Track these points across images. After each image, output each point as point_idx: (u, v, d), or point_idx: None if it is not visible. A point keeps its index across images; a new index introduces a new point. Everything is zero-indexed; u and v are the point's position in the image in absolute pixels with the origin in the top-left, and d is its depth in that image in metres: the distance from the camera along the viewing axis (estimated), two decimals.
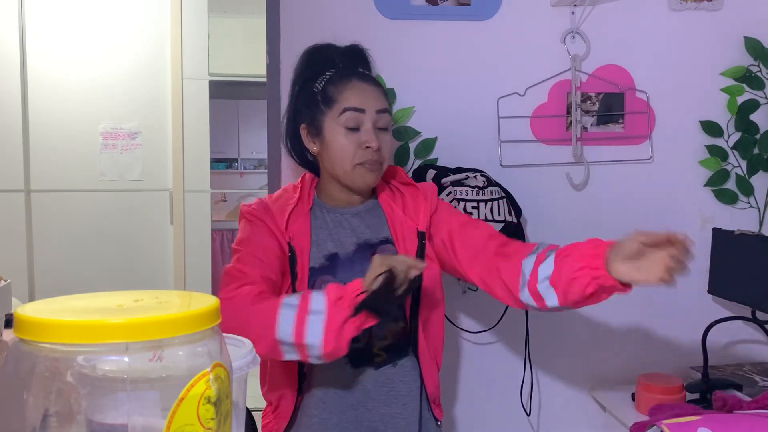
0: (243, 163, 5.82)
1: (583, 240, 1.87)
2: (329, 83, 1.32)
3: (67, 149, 3.25)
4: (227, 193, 5.71)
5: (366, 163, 1.29)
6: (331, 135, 1.30)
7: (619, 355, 1.88)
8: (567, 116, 1.81)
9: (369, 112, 1.29)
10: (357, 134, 1.29)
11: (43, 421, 0.51)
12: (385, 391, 1.32)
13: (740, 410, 1.11)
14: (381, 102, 1.32)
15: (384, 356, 1.32)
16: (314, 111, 1.32)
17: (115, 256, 3.33)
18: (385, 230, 1.37)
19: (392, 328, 1.32)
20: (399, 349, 1.34)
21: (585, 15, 1.80)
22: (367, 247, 1.33)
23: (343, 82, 1.31)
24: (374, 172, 1.31)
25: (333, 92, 1.30)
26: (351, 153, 1.29)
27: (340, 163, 1.30)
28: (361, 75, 1.34)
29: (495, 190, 1.67)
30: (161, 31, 3.31)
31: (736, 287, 1.77)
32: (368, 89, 1.31)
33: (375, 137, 1.29)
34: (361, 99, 1.29)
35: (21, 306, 0.53)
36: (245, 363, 0.68)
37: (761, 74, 1.85)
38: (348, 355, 1.25)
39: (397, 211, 1.38)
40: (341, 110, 1.28)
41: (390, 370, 1.33)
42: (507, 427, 1.87)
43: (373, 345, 1.31)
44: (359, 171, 1.30)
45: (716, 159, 1.86)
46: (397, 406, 1.33)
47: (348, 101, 1.29)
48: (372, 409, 1.31)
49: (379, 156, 1.30)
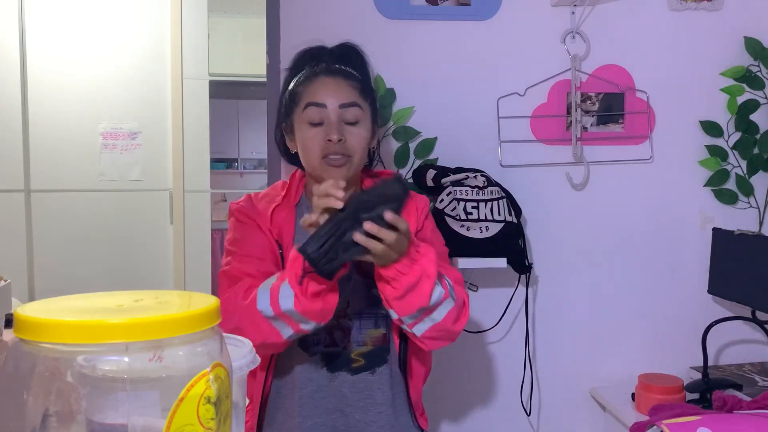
0: (243, 163, 5.81)
1: (582, 240, 1.87)
2: (299, 83, 1.31)
3: (67, 149, 3.25)
4: (227, 193, 5.70)
5: (330, 155, 1.25)
6: (299, 132, 1.29)
7: (619, 355, 1.88)
8: (567, 116, 1.81)
9: (331, 107, 1.26)
10: (321, 128, 1.26)
11: (43, 421, 0.51)
12: (362, 397, 1.31)
13: (740, 410, 1.11)
14: (348, 95, 1.27)
15: (362, 362, 1.31)
16: (288, 111, 1.32)
17: (115, 256, 3.33)
18: None
19: (372, 334, 1.31)
20: (378, 356, 1.32)
21: (585, 15, 1.80)
22: None
23: (310, 79, 1.29)
24: (340, 167, 1.26)
25: (300, 90, 1.29)
26: (316, 147, 1.26)
27: (308, 158, 1.28)
28: (329, 70, 1.30)
29: (495, 190, 1.67)
30: (161, 31, 3.31)
31: (736, 287, 1.77)
32: (333, 84, 1.28)
33: (336, 130, 1.24)
34: (323, 93, 1.26)
35: (21, 306, 0.53)
36: (245, 363, 0.68)
37: (761, 74, 1.85)
38: (323, 359, 1.28)
39: None
40: (304, 106, 1.27)
41: (368, 377, 1.31)
42: (507, 427, 1.87)
43: (351, 350, 1.30)
44: (325, 165, 1.26)
45: (716, 159, 1.86)
46: (373, 413, 1.31)
47: (310, 96, 1.27)
48: (348, 414, 1.30)
49: (343, 149, 1.25)
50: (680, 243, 1.88)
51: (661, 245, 1.88)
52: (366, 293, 1.29)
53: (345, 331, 1.29)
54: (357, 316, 1.30)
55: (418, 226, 1.34)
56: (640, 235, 1.87)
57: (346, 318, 1.29)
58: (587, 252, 1.86)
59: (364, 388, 1.31)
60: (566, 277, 1.85)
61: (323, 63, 1.33)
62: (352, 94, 1.28)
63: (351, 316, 1.29)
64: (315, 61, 1.34)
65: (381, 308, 1.27)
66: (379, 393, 1.32)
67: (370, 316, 1.31)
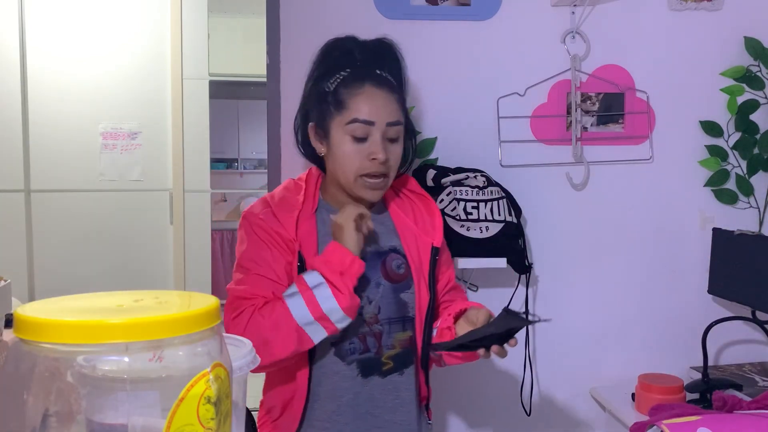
0: (243, 163, 5.82)
1: (582, 240, 1.87)
2: (341, 85, 1.25)
3: (67, 149, 3.25)
4: (227, 193, 5.71)
5: (370, 175, 1.25)
6: (337, 141, 1.25)
7: (619, 355, 1.88)
8: (567, 116, 1.81)
9: (379, 124, 1.23)
10: (364, 145, 1.24)
11: (43, 421, 0.51)
12: (392, 398, 1.32)
13: (740, 410, 1.11)
14: (394, 113, 1.25)
15: (391, 364, 1.32)
16: (324, 112, 1.27)
17: (115, 256, 3.33)
18: (393, 239, 1.34)
19: (400, 337, 1.32)
20: (405, 357, 1.33)
21: (585, 15, 1.80)
22: (376, 255, 1.31)
23: (356, 86, 1.24)
24: (377, 189, 1.27)
25: (344, 96, 1.24)
26: (356, 163, 1.24)
27: (343, 171, 1.26)
28: (376, 79, 1.26)
29: (495, 190, 1.67)
30: (161, 31, 3.31)
31: (736, 287, 1.77)
32: (382, 98, 1.24)
33: (382, 149, 1.23)
34: (373, 110, 1.23)
35: (21, 306, 0.53)
36: (245, 363, 0.68)
37: (761, 74, 1.85)
38: (358, 366, 1.28)
39: (407, 223, 1.36)
40: (350, 120, 1.23)
41: (396, 378, 1.32)
42: (507, 427, 1.87)
43: (382, 354, 1.31)
44: (361, 183, 1.26)
45: (716, 159, 1.86)
46: (402, 413, 1.33)
47: (358, 112, 1.23)
48: (378, 416, 1.31)
49: (385, 168, 1.25)
50: (680, 243, 1.88)
51: (661, 245, 1.88)
52: (394, 298, 1.31)
53: (377, 336, 1.30)
54: (387, 321, 1.30)
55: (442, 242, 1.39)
56: (640, 235, 1.87)
57: (378, 324, 1.29)
58: (587, 252, 1.86)
59: (392, 389, 1.32)
60: (566, 278, 1.85)
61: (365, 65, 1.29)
62: (397, 111, 1.27)
63: (382, 321, 1.30)
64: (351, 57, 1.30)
65: (408, 311, 1.32)
66: (407, 393, 1.33)
67: (398, 320, 1.32)
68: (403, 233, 1.35)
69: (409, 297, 1.32)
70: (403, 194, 1.41)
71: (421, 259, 1.34)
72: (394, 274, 1.31)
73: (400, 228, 1.36)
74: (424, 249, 1.34)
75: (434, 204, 1.41)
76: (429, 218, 1.38)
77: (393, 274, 1.31)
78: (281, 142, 1.74)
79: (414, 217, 1.38)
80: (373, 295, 1.29)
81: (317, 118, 1.29)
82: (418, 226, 1.36)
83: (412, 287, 1.32)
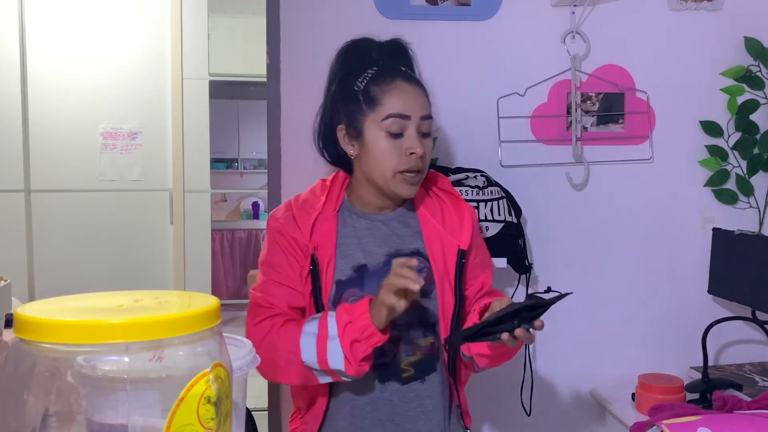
0: (243, 163, 5.81)
1: (582, 240, 1.87)
2: (371, 82, 1.24)
3: (67, 149, 3.25)
4: (227, 193, 5.71)
5: (408, 170, 1.23)
6: (373, 139, 1.23)
7: (619, 355, 1.88)
8: (567, 116, 1.81)
9: (414, 118, 1.22)
10: (400, 140, 1.22)
11: (43, 421, 0.51)
12: (413, 407, 1.29)
13: (740, 410, 1.11)
14: (425, 107, 1.25)
15: (411, 372, 1.29)
16: (354, 111, 1.25)
17: (115, 256, 3.33)
18: (417, 242, 1.31)
19: (420, 343, 1.29)
20: (427, 364, 1.30)
21: (585, 15, 1.80)
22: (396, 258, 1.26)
23: (387, 81, 1.23)
24: (414, 185, 1.25)
25: (376, 92, 1.23)
26: (394, 160, 1.22)
27: (380, 169, 1.24)
28: (405, 75, 1.26)
29: (495, 190, 1.67)
30: (161, 31, 3.31)
31: (736, 287, 1.77)
32: (413, 92, 1.24)
33: (420, 143, 1.22)
34: (406, 104, 1.22)
35: (21, 306, 0.53)
36: (245, 363, 0.68)
37: (761, 74, 1.85)
38: (375, 370, 1.25)
39: (433, 224, 1.32)
40: (385, 115, 1.21)
41: (417, 385, 1.29)
42: (507, 427, 1.87)
43: (401, 360, 1.28)
44: (399, 180, 1.23)
45: (716, 159, 1.86)
46: (425, 421, 1.30)
47: (393, 106, 1.21)
48: (399, 424, 1.29)
49: (422, 163, 1.24)
50: (680, 243, 1.88)
51: (661, 245, 1.88)
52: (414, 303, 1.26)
53: (393, 341, 1.25)
54: (405, 327, 1.27)
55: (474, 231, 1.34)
56: (640, 235, 1.87)
57: (395, 329, 1.24)
58: (587, 252, 1.86)
59: (414, 397, 1.29)
60: (566, 277, 1.85)
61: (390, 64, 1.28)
62: (427, 104, 1.26)
63: (400, 326, 1.26)
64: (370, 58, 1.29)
65: (429, 317, 1.28)
66: (429, 401, 1.30)
67: (418, 326, 1.29)
68: (428, 235, 1.31)
69: (429, 302, 1.28)
70: (432, 192, 1.37)
71: (446, 262, 1.29)
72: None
73: (425, 230, 1.32)
74: (449, 252, 1.30)
75: (465, 205, 1.35)
76: (458, 219, 1.32)
77: None
78: (281, 142, 1.74)
79: (442, 217, 1.33)
80: None
81: (347, 119, 1.27)
82: (446, 228, 1.31)
83: (434, 292, 1.28)
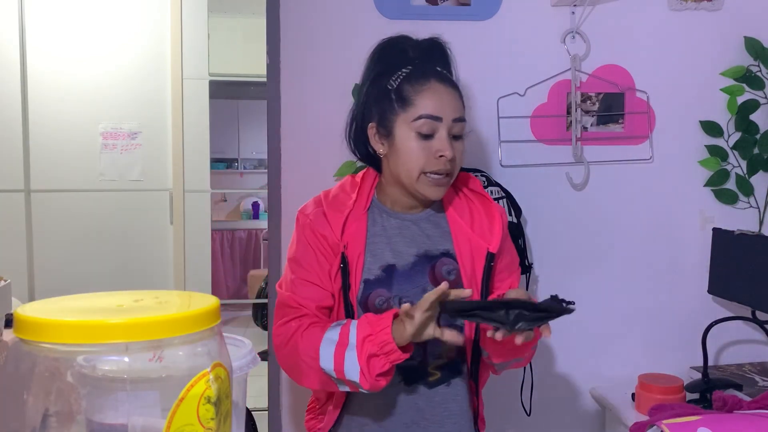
0: (243, 163, 5.82)
1: (582, 240, 1.87)
2: (405, 81, 1.23)
3: (67, 149, 3.25)
4: (227, 193, 5.71)
5: (436, 173, 1.21)
6: (402, 139, 1.22)
7: (619, 355, 1.88)
8: (567, 116, 1.81)
9: (446, 120, 1.21)
10: (430, 141, 1.21)
11: (43, 421, 0.51)
12: (439, 411, 1.28)
13: (740, 410, 1.11)
14: (459, 109, 1.23)
15: (438, 375, 1.28)
16: (386, 110, 1.24)
17: (115, 256, 3.33)
18: (446, 243, 1.29)
19: (448, 347, 1.27)
20: (454, 368, 1.29)
21: (585, 15, 1.80)
22: (426, 258, 1.27)
23: (420, 82, 1.22)
24: (441, 186, 1.23)
25: (409, 92, 1.21)
26: (422, 161, 1.21)
27: (407, 168, 1.22)
28: (440, 76, 1.24)
29: (495, 190, 1.67)
30: (161, 31, 3.31)
31: (736, 287, 1.77)
32: (447, 94, 1.22)
33: (450, 146, 1.20)
34: (439, 105, 1.21)
35: (21, 306, 0.53)
36: (245, 363, 0.68)
37: (761, 74, 1.85)
38: (401, 373, 1.24)
39: (462, 226, 1.30)
40: (416, 116, 1.20)
41: (444, 389, 1.28)
42: (507, 427, 1.87)
43: (428, 363, 1.27)
44: (425, 181, 1.22)
45: (716, 159, 1.86)
46: (449, 425, 1.29)
47: (425, 107, 1.20)
48: (424, 428, 1.28)
49: (451, 166, 1.22)
50: (680, 243, 1.88)
51: (661, 245, 1.88)
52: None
53: (421, 344, 1.22)
54: None
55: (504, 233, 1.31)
56: (640, 235, 1.87)
57: None
58: (587, 252, 1.86)
59: (440, 402, 1.28)
60: (566, 277, 1.85)
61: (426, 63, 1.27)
62: (461, 107, 1.25)
63: None
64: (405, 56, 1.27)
65: (456, 321, 1.25)
66: (454, 405, 1.29)
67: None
68: (457, 237, 1.29)
69: None
70: (462, 194, 1.34)
71: (475, 265, 1.27)
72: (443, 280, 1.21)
73: (454, 231, 1.30)
74: (478, 254, 1.28)
75: (495, 207, 1.32)
76: (488, 222, 1.30)
77: (442, 280, 1.22)
78: (281, 142, 1.74)
79: (471, 219, 1.31)
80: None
81: (379, 118, 1.25)
82: (475, 230, 1.29)
83: None
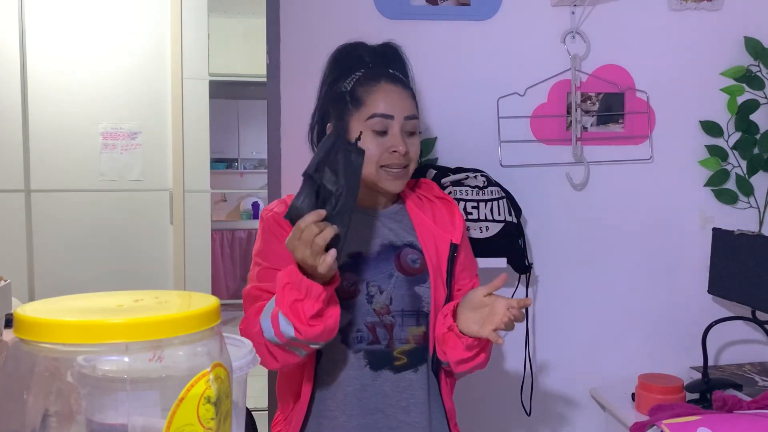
0: (243, 163, 5.82)
1: (582, 240, 1.87)
2: (357, 84, 1.29)
3: (67, 149, 3.25)
4: (227, 193, 5.71)
5: (391, 166, 1.27)
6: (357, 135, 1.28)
7: (619, 355, 1.88)
8: (567, 116, 1.81)
9: (398, 118, 1.27)
10: (384, 138, 1.27)
11: (43, 421, 0.51)
12: (405, 396, 1.29)
13: (740, 410, 1.11)
14: (410, 107, 1.29)
15: (405, 360, 1.29)
16: (342, 111, 1.30)
17: (115, 256, 3.33)
18: (410, 236, 1.34)
19: (414, 332, 1.29)
20: (420, 354, 1.30)
21: (585, 15, 1.80)
22: (391, 248, 1.32)
23: (371, 83, 1.28)
24: (399, 179, 1.29)
25: (361, 93, 1.28)
26: (376, 155, 1.26)
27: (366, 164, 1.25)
28: (390, 77, 1.31)
29: (495, 190, 1.67)
30: (161, 31, 3.31)
31: (736, 287, 1.77)
32: (397, 93, 1.29)
33: (402, 142, 1.27)
34: (390, 104, 1.27)
35: (21, 306, 0.53)
36: (245, 363, 0.68)
37: (761, 74, 1.85)
38: (366, 356, 1.26)
39: (424, 220, 1.35)
40: (369, 115, 1.26)
41: (411, 375, 1.29)
42: (507, 427, 1.87)
43: (393, 348, 1.29)
44: (384, 176, 1.28)
45: (716, 159, 1.86)
46: (416, 413, 1.29)
47: (376, 107, 1.26)
48: (390, 415, 1.28)
49: (406, 160, 1.28)
50: (680, 243, 1.88)
51: (661, 245, 1.88)
52: (408, 290, 1.29)
53: (388, 328, 1.27)
54: (399, 314, 1.28)
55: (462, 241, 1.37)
56: (640, 235, 1.87)
57: (389, 315, 1.27)
58: (587, 252, 1.86)
59: (406, 387, 1.29)
60: (566, 277, 1.85)
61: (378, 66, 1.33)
62: (412, 105, 1.31)
63: (394, 313, 1.28)
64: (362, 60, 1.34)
65: (422, 306, 1.29)
66: (421, 392, 1.30)
67: (412, 314, 1.29)
68: (421, 231, 1.34)
69: (423, 291, 1.30)
70: (426, 198, 1.41)
71: (439, 255, 1.32)
72: (409, 267, 1.30)
73: (417, 225, 1.35)
74: (442, 245, 1.33)
75: (457, 208, 1.40)
76: (449, 218, 1.37)
77: (407, 267, 1.30)
78: (281, 142, 1.74)
79: (433, 215, 1.37)
80: (385, 286, 1.28)
81: (336, 118, 1.31)
82: (437, 224, 1.35)
83: (428, 281, 1.30)
